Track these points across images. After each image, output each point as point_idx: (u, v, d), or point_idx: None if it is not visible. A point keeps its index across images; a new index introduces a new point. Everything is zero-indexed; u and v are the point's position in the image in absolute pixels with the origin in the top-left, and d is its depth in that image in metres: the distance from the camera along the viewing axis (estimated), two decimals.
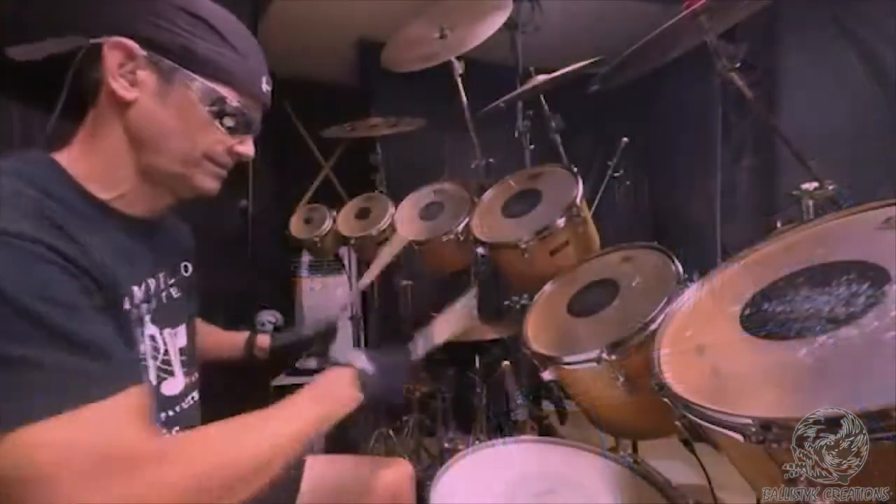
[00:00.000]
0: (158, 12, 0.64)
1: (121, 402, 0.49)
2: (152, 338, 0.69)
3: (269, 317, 2.96)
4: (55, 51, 0.62)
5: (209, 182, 0.71)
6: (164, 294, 0.73)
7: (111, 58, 0.61)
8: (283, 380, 2.73)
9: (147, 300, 0.68)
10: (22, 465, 0.44)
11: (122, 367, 0.52)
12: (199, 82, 0.65)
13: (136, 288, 0.66)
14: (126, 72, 0.62)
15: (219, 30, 0.66)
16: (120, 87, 0.62)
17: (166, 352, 0.72)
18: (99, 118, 0.65)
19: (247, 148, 0.72)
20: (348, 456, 1.11)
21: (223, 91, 0.67)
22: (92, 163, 0.64)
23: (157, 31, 0.63)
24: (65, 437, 0.45)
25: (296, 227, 2.25)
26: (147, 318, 0.68)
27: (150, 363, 0.68)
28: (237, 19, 0.70)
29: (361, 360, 0.75)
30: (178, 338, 0.75)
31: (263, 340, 1.06)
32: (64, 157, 0.64)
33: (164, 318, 0.72)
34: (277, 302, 2.96)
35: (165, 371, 0.71)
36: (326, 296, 2.95)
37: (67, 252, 0.52)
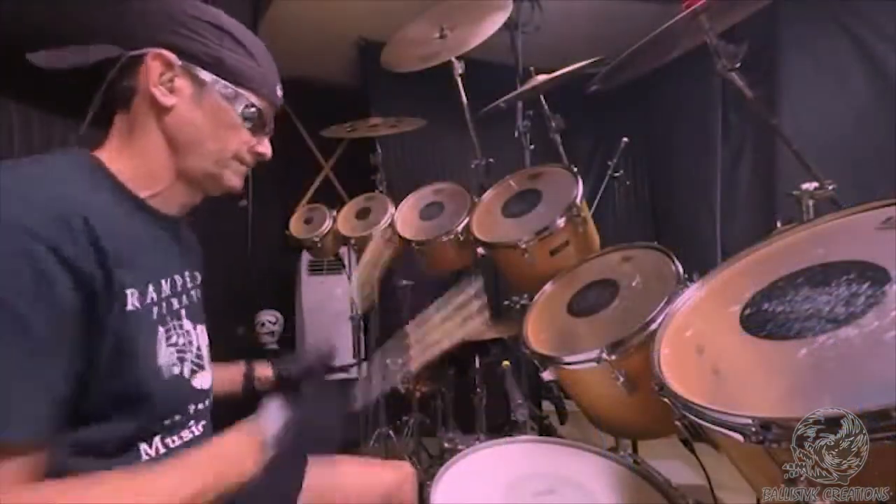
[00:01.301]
0: (189, 26, 0.70)
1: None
2: (188, 332, 0.71)
3: (269, 317, 2.96)
4: (95, 59, 0.66)
5: (236, 180, 0.77)
6: (192, 292, 0.76)
7: (153, 67, 0.67)
8: None
9: (176, 295, 0.71)
10: None
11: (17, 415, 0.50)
12: (231, 89, 0.71)
13: (163, 282, 0.68)
14: (165, 80, 0.68)
15: (242, 42, 0.73)
16: (160, 94, 0.67)
17: (199, 346, 0.74)
18: (135, 122, 0.69)
19: (266, 147, 0.79)
20: (349, 457, 1.11)
21: (248, 96, 0.73)
22: (130, 163, 0.69)
23: (191, 43, 0.69)
24: None
25: (296, 227, 2.25)
26: (182, 311, 0.71)
27: (187, 356, 0.70)
28: (251, 33, 0.77)
29: (275, 423, 0.68)
30: (202, 336, 0.77)
31: (263, 371, 1.01)
32: (101, 155, 0.68)
33: (194, 315, 0.75)
34: (277, 302, 2.97)
35: (198, 365, 0.73)
36: (326, 296, 2.95)
37: (66, 254, 0.53)
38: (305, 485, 0.96)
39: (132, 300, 0.62)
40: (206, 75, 0.70)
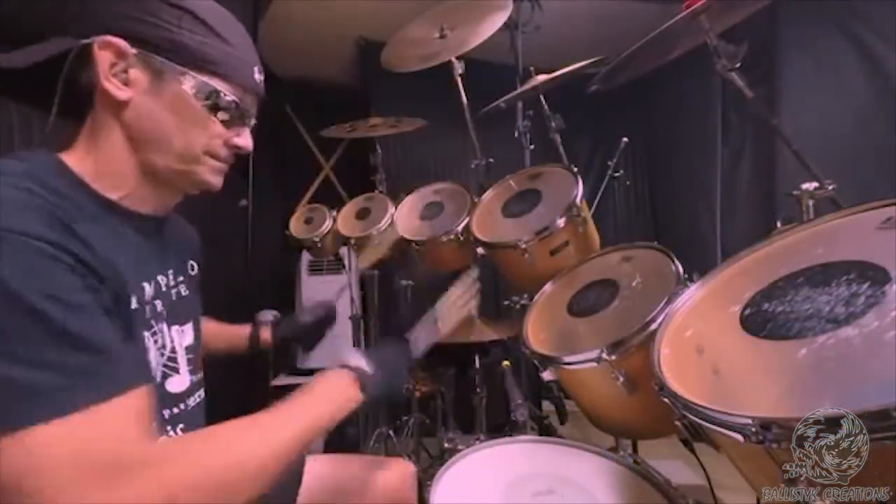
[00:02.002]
0: (143, 7, 0.62)
1: (123, 405, 0.49)
2: (160, 335, 0.69)
3: (269, 317, 2.96)
4: (42, 56, 0.60)
5: (211, 177, 0.70)
6: (173, 291, 0.73)
7: (102, 58, 0.61)
8: (283, 380, 2.74)
9: (156, 297, 0.68)
10: (23, 468, 0.43)
11: (125, 368, 0.52)
12: (191, 76, 0.64)
13: (146, 285, 0.66)
14: (118, 71, 0.62)
15: (205, 20, 0.65)
16: (113, 87, 0.61)
17: (173, 349, 0.71)
18: (97, 119, 0.64)
19: (244, 140, 0.71)
20: (349, 455, 1.11)
21: (216, 84, 0.66)
22: (96, 163, 0.64)
23: (144, 27, 0.62)
24: (67, 440, 0.45)
25: (296, 227, 2.25)
26: (156, 314, 0.68)
27: (157, 360, 0.68)
28: (221, 7, 0.69)
29: (360, 360, 0.74)
30: (185, 336, 0.75)
31: (266, 333, 1.08)
32: (69, 158, 0.63)
33: (173, 316, 0.72)
34: (277, 302, 2.97)
35: (171, 368, 0.71)
36: (326, 296, 2.95)
37: (74, 251, 0.51)
38: (307, 482, 0.96)
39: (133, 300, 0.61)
40: (162, 63, 0.62)
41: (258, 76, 0.72)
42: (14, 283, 0.46)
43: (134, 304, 0.62)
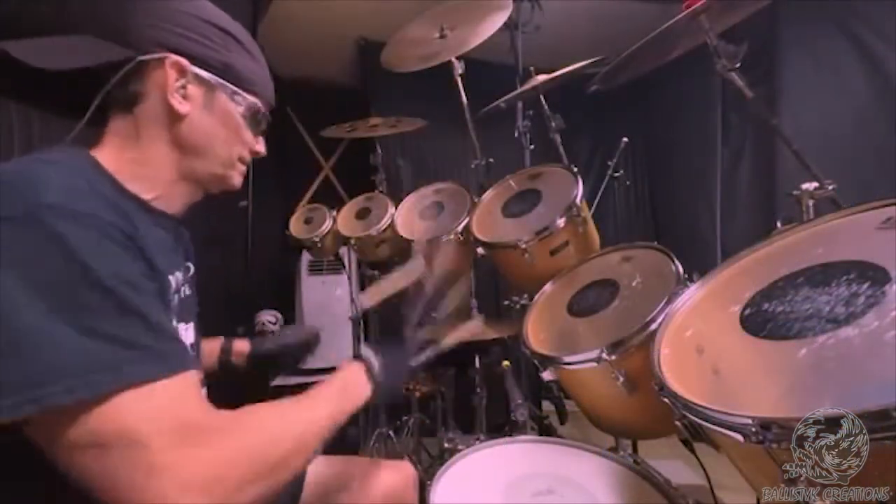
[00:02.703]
0: (196, 29, 0.69)
1: (188, 379, 0.53)
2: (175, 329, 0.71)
3: (269, 317, 2.96)
4: (94, 62, 0.63)
5: (238, 179, 0.79)
6: (183, 289, 0.76)
7: (170, 74, 0.66)
8: (282, 380, 2.74)
9: (176, 292, 0.71)
10: (109, 432, 0.47)
11: (183, 349, 0.58)
12: (237, 94, 0.72)
13: (170, 278, 0.69)
14: (179, 87, 0.67)
15: (242, 42, 0.74)
16: (176, 102, 0.67)
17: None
18: (143, 127, 0.68)
19: (262, 146, 0.80)
20: (350, 457, 1.11)
21: (252, 99, 0.75)
22: (131, 165, 0.67)
23: (200, 48, 0.69)
24: (149, 406, 0.49)
25: (296, 227, 2.25)
26: (175, 309, 0.71)
27: None
28: (248, 33, 0.77)
29: (372, 357, 0.79)
30: (189, 333, 0.77)
31: (242, 346, 1.04)
32: (100, 156, 0.65)
33: (182, 313, 0.74)
34: (277, 302, 2.97)
35: None
36: (326, 296, 2.95)
37: (136, 239, 0.55)
38: (308, 484, 0.96)
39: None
40: (217, 81, 0.70)
41: (273, 90, 0.80)
42: (89, 260, 0.49)
43: (169, 296, 0.66)
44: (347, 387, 0.74)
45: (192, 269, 0.84)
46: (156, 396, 0.49)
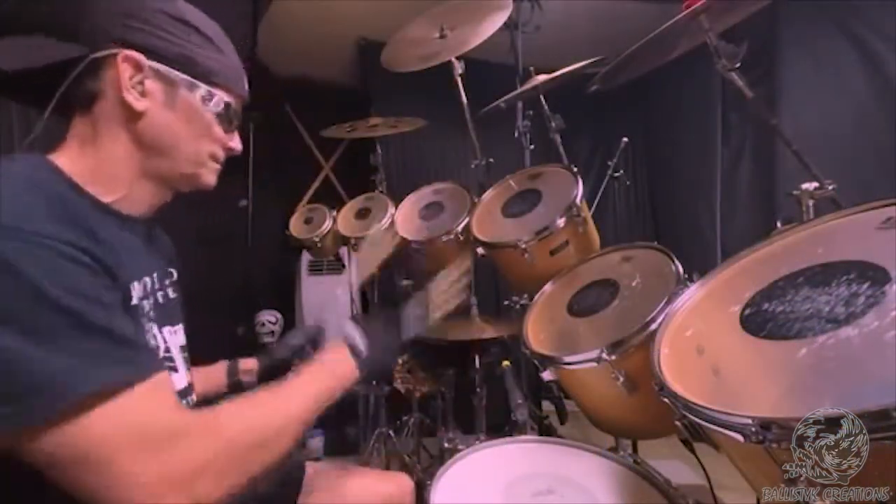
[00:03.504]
0: (154, 21, 0.66)
1: (158, 383, 0.54)
2: (154, 336, 0.69)
3: (269, 317, 2.96)
4: (51, 60, 0.64)
5: (211, 178, 0.75)
6: (160, 293, 0.74)
7: (123, 70, 0.63)
8: None
9: (145, 297, 0.69)
10: (77, 443, 0.47)
11: (150, 353, 0.59)
12: (201, 87, 0.69)
13: (136, 283, 0.67)
14: (136, 83, 0.64)
15: (207, 34, 0.70)
16: (132, 98, 0.64)
17: (167, 349, 0.72)
18: (100, 126, 0.65)
19: (237, 143, 0.77)
20: (349, 467, 1.11)
21: (219, 93, 0.71)
22: (91, 166, 0.65)
23: (158, 41, 0.66)
24: (117, 414, 0.49)
25: (296, 227, 2.25)
26: (147, 315, 0.69)
27: None
28: (213, 21, 0.73)
29: (358, 337, 0.78)
30: (178, 336, 0.76)
31: (248, 364, 1.02)
32: (59, 160, 0.63)
33: (163, 317, 0.72)
34: (277, 302, 2.97)
35: (169, 367, 0.72)
36: (326, 296, 2.95)
37: (90, 250, 0.53)
38: (304, 494, 0.95)
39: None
40: (176, 76, 0.67)
41: (246, 84, 0.77)
42: (41, 282, 0.48)
43: (134, 301, 0.64)
44: (329, 367, 0.74)
45: (174, 272, 0.82)
46: (121, 408, 0.49)
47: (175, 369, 0.73)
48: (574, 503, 0.87)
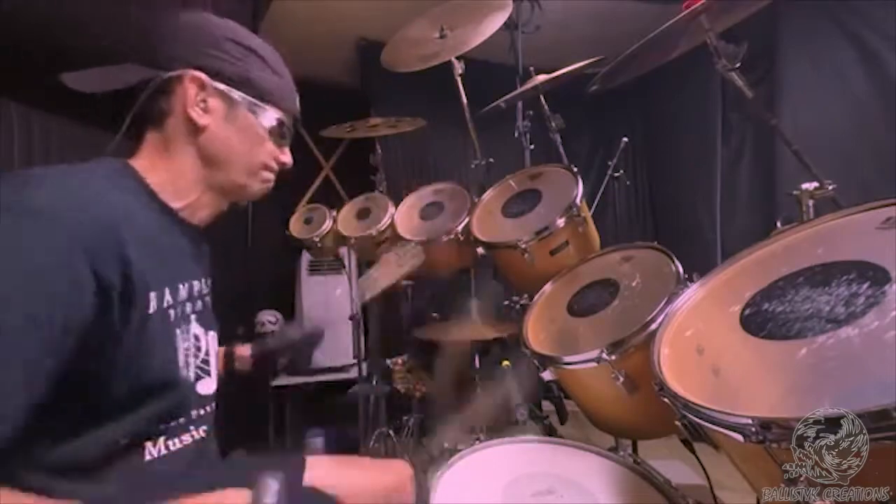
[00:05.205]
0: (218, 45, 0.73)
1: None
2: (196, 337, 0.72)
3: (269, 317, 2.96)
4: (122, 84, 0.69)
5: (261, 189, 0.83)
6: (205, 298, 0.78)
7: (189, 89, 0.71)
8: (283, 380, 2.74)
9: (191, 300, 0.72)
10: None
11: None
12: (258, 106, 0.76)
13: (181, 286, 0.70)
14: (199, 101, 0.72)
15: (265, 58, 0.77)
16: (196, 114, 0.72)
17: (207, 352, 0.75)
18: (171, 140, 0.73)
19: (287, 157, 0.84)
20: (348, 457, 1.11)
21: (274, 111, 0.78)
22: (163, 176, 0.72)
23: (221, 63, 0.73)
24: None
25: (296, 227, 2.25)
26: (193, 316, 0.73)
27: (192, 360, 0.71)
28: (270, 45, 0.81)
29: (272, 495, 0.59)
30: (212, 342, 0.78)
31: (243, 351, 1.05)
32: (136, 167, 0.71)
33: (206, 321, 0.76)
34: (277, 302, 2.97)
35: (204, 371, 0.74)
36: (326, 296, 2.95)
37: (122, 243, 0.57)
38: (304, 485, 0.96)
39: (153, 303, 0.64)
40: (235, 94, 0.74)
41: (297, 101, 0.84)
42: (13, 253, 0.51)
43: (164, 304, 0.66)
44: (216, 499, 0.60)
45: (209, 282, 0.85)
46: None
47: (209, 373, 0.75)
48: (574, 503, 0.87)
